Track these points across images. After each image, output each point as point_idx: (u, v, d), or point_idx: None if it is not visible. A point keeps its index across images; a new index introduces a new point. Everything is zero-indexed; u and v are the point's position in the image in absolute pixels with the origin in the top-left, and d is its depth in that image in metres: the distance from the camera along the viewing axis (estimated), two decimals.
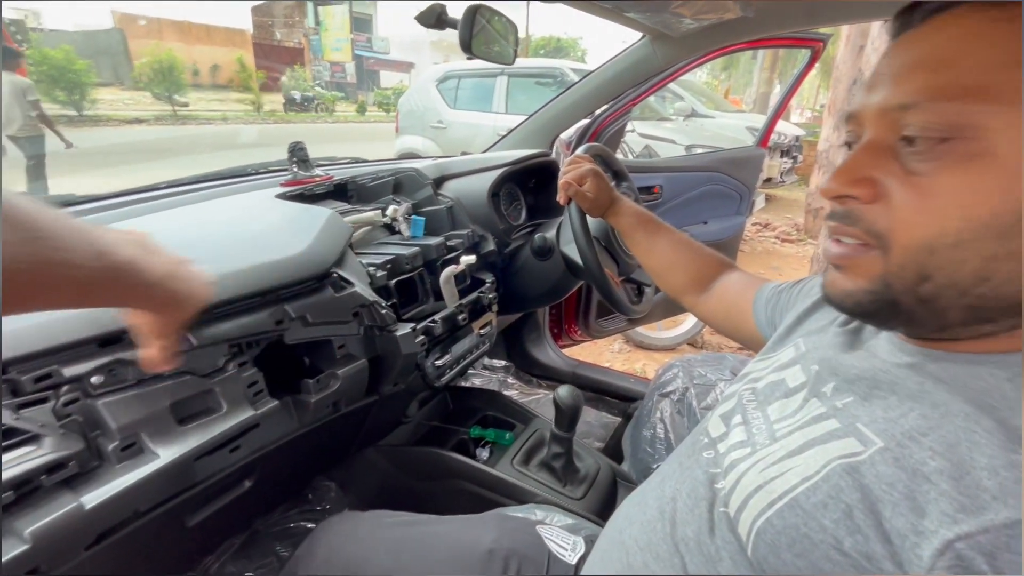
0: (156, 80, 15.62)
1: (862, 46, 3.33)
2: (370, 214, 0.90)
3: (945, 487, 0.28)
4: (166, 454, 0.52)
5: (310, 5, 26.38)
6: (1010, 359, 0.32)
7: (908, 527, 0.28)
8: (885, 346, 0.40)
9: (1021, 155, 0.28)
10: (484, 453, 1.03)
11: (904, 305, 0.34)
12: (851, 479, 0.32)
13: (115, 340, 0.51)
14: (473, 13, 0.76)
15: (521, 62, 5.21)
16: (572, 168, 0.85)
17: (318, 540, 0.64)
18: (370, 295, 0.72)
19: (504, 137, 1.43)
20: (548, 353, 1.72)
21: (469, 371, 1.66)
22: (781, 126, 5.63)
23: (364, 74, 27.70)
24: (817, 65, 1.78)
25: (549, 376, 1.70)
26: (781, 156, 5.69)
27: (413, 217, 0.94)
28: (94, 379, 0.49)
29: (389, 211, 0.92)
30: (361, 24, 28.32)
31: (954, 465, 0.28)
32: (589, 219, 1.01)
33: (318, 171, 0.98)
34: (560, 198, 0.86)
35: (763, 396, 0.45)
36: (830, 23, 1.03)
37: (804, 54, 1.65)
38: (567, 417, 0.89)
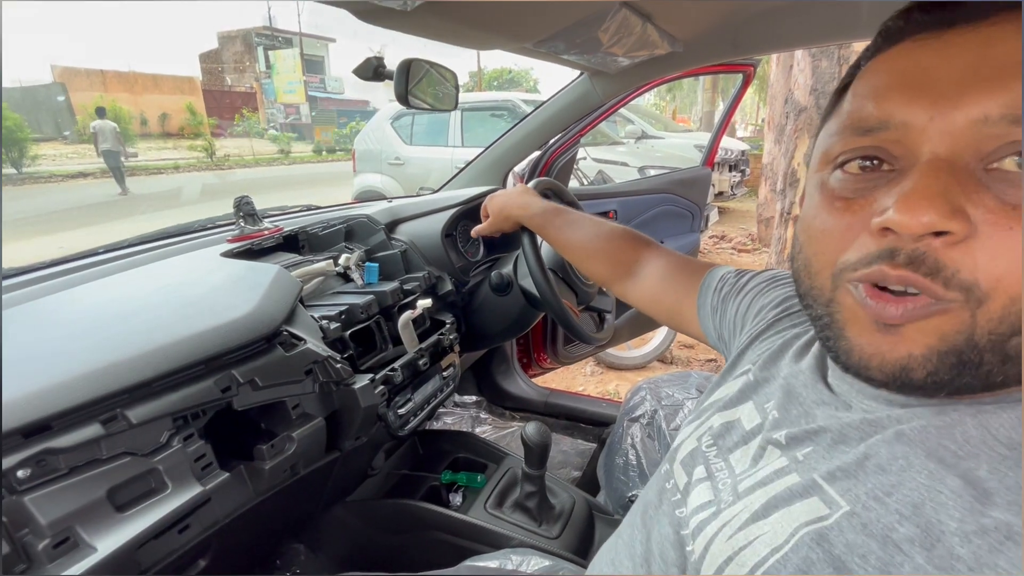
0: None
1: (791, 65, 3.56)
2: (321, 264, 0.88)
3: (920, 560, 0.25)
4: (104, 546, 0.48)
5: (260, 50, 26.40)
6: (973, 402, 0.29)
7: None
8: (842, 385, 0.37)
9: None
10: (457, 498, 1.01)
11: (984, 367, 0.27)
12: (821, 550, 0.29)
13: (43, 429, 0.47)
14: (407, 66, 0.77)
15: (475, 96, 5.33)
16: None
17: None
18: (323, 350, 0.70)
19: (456, 175, 1.45)
20: (519, 384, 1.71)
21: (440, 410, 1.63)
22: (727, 142, 5.91)
23: (319, 115, 27.73)
24: (756, 83, 1.88)
25: (522, 407, 1.69)
26: (730, 170, 5.96)
27: (367, 264, 0.93)
28: (20, 473, 0.46)
29: (341, 260, 0.91)
30: (313, 66, 28.48)
31: (923, 531, 0.26)
32: (544, 251, 1.02)
33: (266, 223, 0.96)
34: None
35: (722, 442, 0.42)
36: (753, 53, 1.10)
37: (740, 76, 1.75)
38: (536, 455, 0.88)
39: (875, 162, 0.31)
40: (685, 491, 0.42)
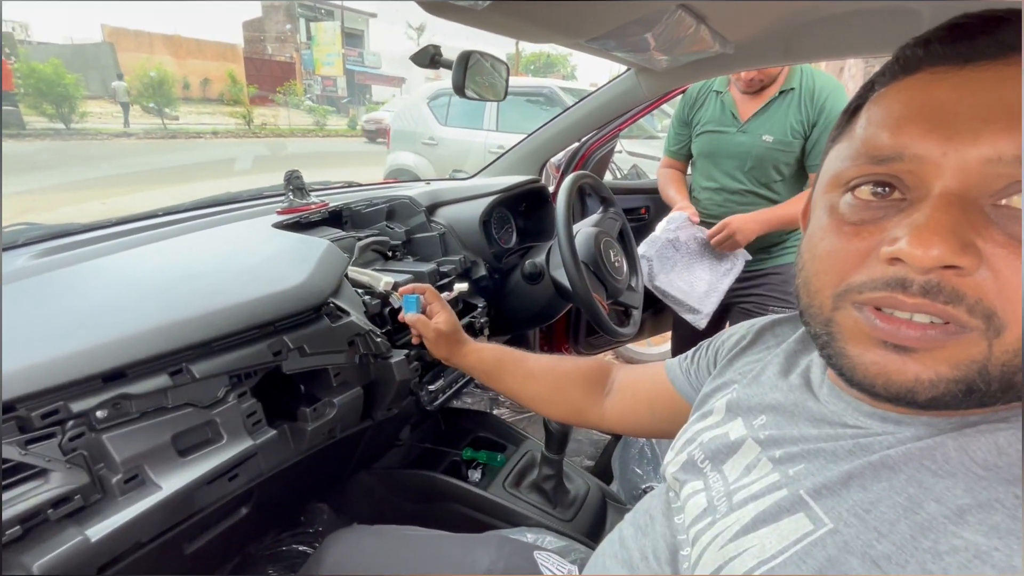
0: (146, 93, 15.67)
1: (841, 68, 3.46)
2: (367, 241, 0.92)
3: None
4: (168, 485, 0.53)
5: (302, 20, 26.60)
6: (963, 420, 0.31)
7: None
8: (837, 402, 0.38)
9: None
10: (476, 475, 1.05)
11: (990, 396, 0.29)
12: (806, 566, 0.30)
13: (119, 376, 0.52)
14: (466, 58, 0.79)
15: (513, 81, 5.30)
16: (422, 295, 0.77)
17: (326, 551, 0.65)
18: (365, 324, 0.74)
19: (494, 161, 1.47)
20: None
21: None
22: None
23: (355, 88, 27.90)
24: None
25: None
26: None
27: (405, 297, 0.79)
28: (99, 413, 0.51)
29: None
30: (352, 39, 28.60)
31: (898, 548, 0.28)
32: (578, 243, 1.04)
33: (313, 198, 1.00)
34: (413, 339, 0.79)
35: (714, 454, 0.43)
36: (805, 60, 1.09)
37: None
38: (557, 440, 0.91)
39: (887, 189, 0.31)
40: (687, 498, 0.43)
